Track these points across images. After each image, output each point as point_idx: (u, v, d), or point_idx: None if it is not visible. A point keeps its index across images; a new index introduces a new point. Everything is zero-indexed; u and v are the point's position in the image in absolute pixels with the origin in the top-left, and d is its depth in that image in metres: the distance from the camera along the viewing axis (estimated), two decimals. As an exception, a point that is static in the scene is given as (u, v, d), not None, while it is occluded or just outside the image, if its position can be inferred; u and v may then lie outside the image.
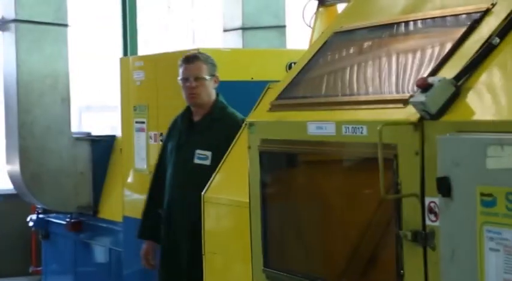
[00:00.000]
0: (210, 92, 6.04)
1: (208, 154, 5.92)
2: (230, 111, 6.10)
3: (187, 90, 5.99)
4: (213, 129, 6.00)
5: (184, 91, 6.03)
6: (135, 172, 7.26)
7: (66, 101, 8.84)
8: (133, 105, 7.32)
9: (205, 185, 5.18)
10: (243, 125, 4.77)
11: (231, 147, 5.74)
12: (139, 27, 11.86)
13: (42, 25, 8.77)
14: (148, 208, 6.47)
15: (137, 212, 6.86)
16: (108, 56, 11.21)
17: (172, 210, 6.12)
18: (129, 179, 7.32)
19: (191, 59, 6.01)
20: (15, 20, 8.75)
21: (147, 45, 11.67)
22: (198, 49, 6.66)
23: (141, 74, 7.28)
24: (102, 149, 8.56)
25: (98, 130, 9.23)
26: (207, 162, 5.91)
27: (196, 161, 5.96)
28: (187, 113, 6.17)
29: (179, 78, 6.03)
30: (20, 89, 8.70)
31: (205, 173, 5.48)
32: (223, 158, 5.83)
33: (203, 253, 5.71)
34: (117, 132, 7.89)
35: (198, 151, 5.96)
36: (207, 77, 5.97)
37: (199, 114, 6.09)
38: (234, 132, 5.43)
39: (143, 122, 7.23)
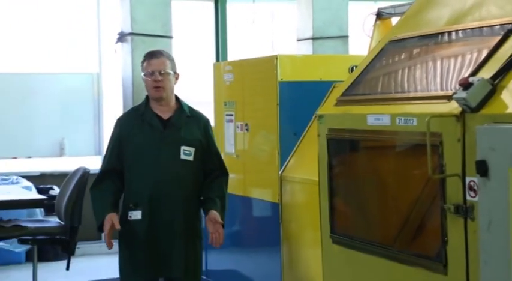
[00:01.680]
0: (173, 87, 5.25)
1: (192, 150, 5.15)
2: (195, 109, 5.44)
3: (152, 84, 5.14)
4: (189, 125, 5.23)
5: (148, 85, 5.19)
6: (226, 155, 7.23)
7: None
8: (224, 101, 7.32)
9: (190, 180, 5.07)
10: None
11: (302, 135, 5.73)
12: (229, 38, 11.93)
13: (152, 37, 8.86)
14: (103, 201, 5.15)
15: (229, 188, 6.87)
16: (204, 62, 11.26)
17: (156, 205, 5.09)
18: (221, 161, 7.32)
19: (156, 54, 5.24)
20: (131, 33, 8.85)
21: (235, 53, 11.70)
22: (276, 56, 6.63)
23: (230, 76, 7.27)
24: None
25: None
26: (191, 158, 5.15)
27: (183, 156, 5.13)
28: (149, 110, 5.21)
29: (143, 73, 5.21)
30: (135, 89, 8.85)
31: (190, 169, 5.14)
32: (296, 144, 5.81)
33: (280, 221, 5.71)
34: (212, 123, 7.88)
35: (183, 147, 5.13)
36: (171, 72, 5.20)
37: (168, 112, 5.22)
38: (209, 129, 5.33)
39: (232, 115, 7.22)
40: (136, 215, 5.08)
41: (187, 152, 5.12)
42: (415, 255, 3.40)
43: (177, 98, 5.29)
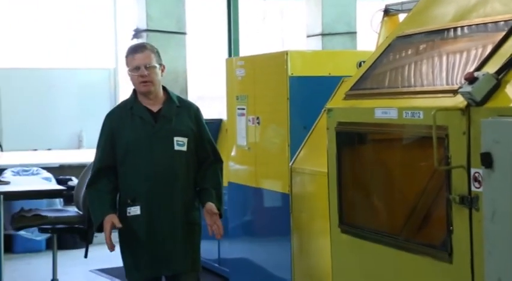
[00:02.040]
0: (160, 79, 4.94)
1: (185, 140, 4.89)
2: (184, 98, 5.27)
3: (139, 79, 4.85)
4: (180, 115, 4.95)
5: (134, 80, 4.90)
6: (237, 147, 7.24)
7: (184, 92, 8.99)
8: (236, 95, 7.31)
9: (185, 171, 4.84)
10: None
11: (312, 128, 5.72)
12: (241, 34, 11.93)
13: (166, 33, 8.85)
14: (101, 201, 4.92)
15: (239, 179, 6.87)
16: (217, 57, 11.27)
17: (154, 199, 4.84)
18: (233, 153, 7.29)
19: (140, 48, 4.93)
20: (146, 30, 8.84)
21: (247, 49, 11.71)
22: (286, 52, 6.61)
23: (242, 71, 7.25)
24: (212, 129, 8.59)
25: (208, 115, 9.28)
26: (184, 148, 4.88)
27: (176, 148, 4.86)
28: (138, 104, 4.95)
29: (129, 68, 4.93)
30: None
31: (185, 159, 4.90)
32: (306, 137, 5.80)
33: (290, 212, 5.70)
34: (224, 116, 7.86)
35: (176, 138, 4.86)
36: (157, 65, 4.90)
37: (157, 104, 4.95)
38: (200, 117, 5.07)
39: (244, 109, 7.20)
40: (135, 210, 4.84)
41: (180, 143, 4.88)
42: (421, 244, 3.39)
43: (164, 88, 5.04)
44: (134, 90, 5.01)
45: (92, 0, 11.71)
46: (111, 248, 4.81)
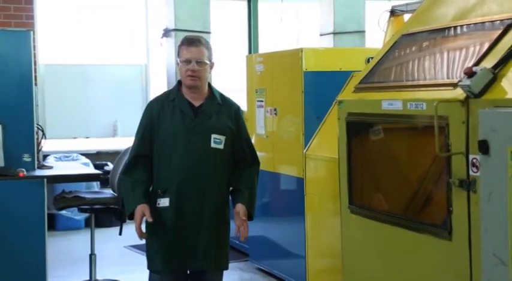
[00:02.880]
0: (207, 76, 4.51)
1: (223, 138, 4.43)
2: (227, 96, 4.68)
3: (187, 72, 4.43)
4: (220, 113, 4.50)
5: (182, 72, 4.48)
6: (256, 136, 7.23)
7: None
8: (255, 89, 7.31)
9: (220, 169, 4.40)
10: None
11: (324, 118, 5.71)
12: (260, 33, 11.94)
13: (193, 33, 8.81)
14: (135, 190, 4.50)
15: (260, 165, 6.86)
16: (238, 54, 11.27)
17: (184, 193, 4.42)
18: (252, 141, 7.30)
19: (195, 42, 4.46)
20: (174, 30, 8.83)
21: (265, 46, 11.70)
22: (301, 49, 6.58)
23: (261, 67, 7.25)
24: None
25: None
26: (221, 146, 4.44)
27: (213, 145, 4.41)
28: (181, 96, 4.53)
29: (180, 59, 4.49)
30: (178, 78, 8.80)
31: (220, 157, 4.44)
32: (319, 126, 5.80)
33: (304, 194, 5.70)
34: (244, 108, 7.86)
35: (214, 136, 4.42)
36: (208, 62, 4.45)
37: (200, 99, 4.52)
38: (240, 117, 4.62)
39: (262, 101, 7.19)
40: (164, 202, 4.43)
41: (217, 141, 4.42)
42: (423, 223, 3.39)
43: (209, 85, 4.58)
44: (179, 82, 4.60)
45: (126, 3, 11.74)
46: (142, 236, 4.48)
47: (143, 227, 4.49)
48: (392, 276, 3.63)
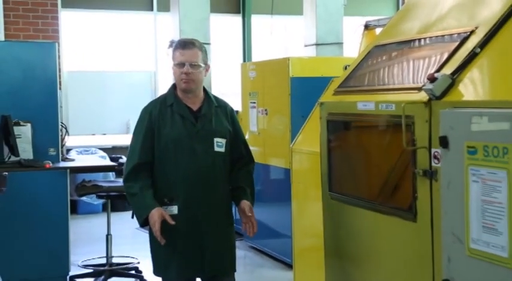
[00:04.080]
0: (202, 79, 3.89)
1: (223, 141, 3.88)
2: (219, 97, 4.11)
3: (181, 76, 3.81)
4: (218, 116, 3.94)
5: (177, 75, 3.84)
6: (250, 133, 7.25)
7: (209, 88, 8.95)
8: (248, 92, 7.31)
9: (223, 172, 3.93)
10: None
11: (308, 117, 5.69)
12: (253, 43, 11.93)
13: (195, 44, 8.78)
14: (145, 196, 3.82)
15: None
16: (234, 62, 11.27)
17: (192, 199, 3.81)
18: (246, 137, 7.31)
19: (188, 44, 3.85)
20: (179, 41, 8.76)
21: (257, 55, 11.69)
22: (289, 58, 6.58)
23: (254, 73, 7.25)
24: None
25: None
26: (223, 149, 3.88)
27: (216, 149, 3.84)
28: (178, 100, 3.89)
29: (174, 62, 3.86)
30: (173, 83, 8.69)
31: (222, 160, 3.90)
32: (303, 124, 5.78)
33: (291, 183, 5.69)
34: (239, 108, 7.86)
35: (216, 139, 3.85)
36: (202, 65, 3.85)
37: (197, 102, 3.91)
38: (235, 117, 4.08)
39: (255, 102, 7.20)
40: (171, 210, 3.79)
41: (219, 144, 3.88)
42: (392, 208, 3.38)
43: (203, 88, 4.02)
44: (174, 85, 3.97)
45: (138, 18, 11.73)
46: (163, 240, 3.73)
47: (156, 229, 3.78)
48: (365, 253, 3.62)
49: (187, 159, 3.80)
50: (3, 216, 5.92)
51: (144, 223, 3.81)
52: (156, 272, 3.97)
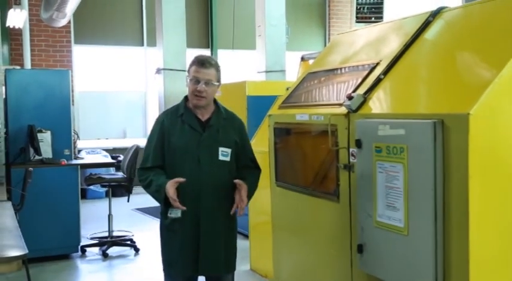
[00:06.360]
0: (213, 96, 3.31)
1: (229, 151, 3.25)
2: (230, 111, 3.49)
3: (194, 92, 3.19)
4: (226, 127, 3.31)
5: (190, 89, 3.21)
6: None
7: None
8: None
9: (227, 180, 3.23)
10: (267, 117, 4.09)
11: (260, 126, 5.68)
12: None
13: (175, 71, 8.73)
14: (158, 179, 3.16)
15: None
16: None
17: (196, 205, 3.16)
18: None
19: (206, 64, 3.22)
20: (163, 69, 8.71)
21: (223, 79, 11.65)
22: (245, 81, 6.58)
23: (219, 93, 7.15)
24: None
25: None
26: (228, 158, 3.24)
27: (221, 158, 3.21)
28: (188, 111, 3.28)
29: (190, 77, 3.22)
30: (166, 102, 8.50)
31: (228, 169, 3.24)
32: (256, 131, 5.76)
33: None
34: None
35: (221, 149, 3.22)
36: (216, 83, 3.27)
37: (207, 113, 3.29)
38: (244, 130, 3.44)
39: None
40: (176, 213, 3.17)
41: (224, 153, 3.24)
42: (322, 192, 3.37)
43: (214, 100, 3.38)
44: (186, 97, 3.33)
45: (132, 52, 11.62)
46: (182, 207, 3.11)
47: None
48: (302, 226, 3.60)
49: (192, 167, 3.17)
50: (29, 201, 5.84)
51: (165, 201, 3.14)
52: (163, 268, 3.35)
